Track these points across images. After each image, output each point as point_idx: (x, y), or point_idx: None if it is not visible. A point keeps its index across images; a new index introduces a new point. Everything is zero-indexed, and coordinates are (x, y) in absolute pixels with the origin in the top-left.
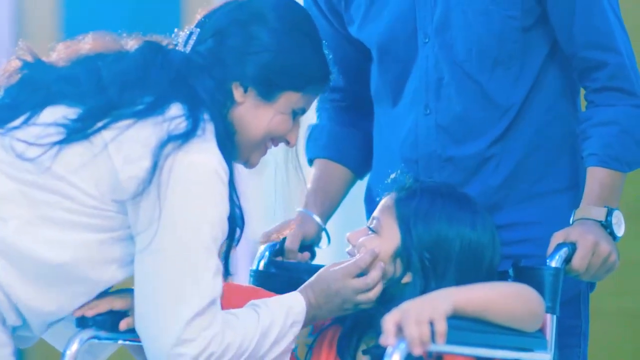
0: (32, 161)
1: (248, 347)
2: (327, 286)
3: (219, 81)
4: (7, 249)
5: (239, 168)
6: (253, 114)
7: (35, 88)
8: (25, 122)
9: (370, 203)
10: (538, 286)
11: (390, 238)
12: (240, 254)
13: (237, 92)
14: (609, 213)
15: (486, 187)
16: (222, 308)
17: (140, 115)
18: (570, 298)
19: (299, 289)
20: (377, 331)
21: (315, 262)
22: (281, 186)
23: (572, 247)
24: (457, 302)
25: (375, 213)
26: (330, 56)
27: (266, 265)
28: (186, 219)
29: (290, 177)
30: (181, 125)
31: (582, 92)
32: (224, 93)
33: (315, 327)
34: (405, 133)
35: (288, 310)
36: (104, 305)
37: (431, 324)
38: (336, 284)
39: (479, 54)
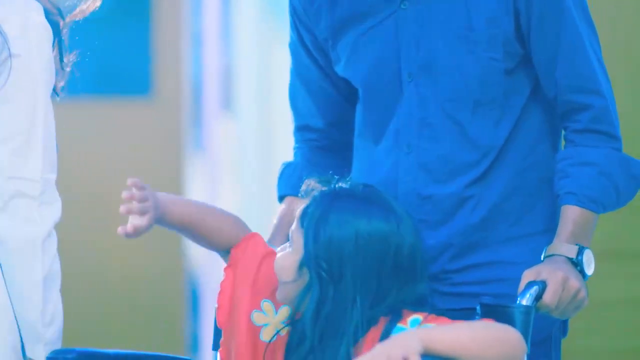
0: None
1: None
2: None
3: None
4: None
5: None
6: None
7: None
8: None
9: None
10: (509, 325)
11: (298, 249)
12: (210, 291)
13: None
14: (580, 251)
15: (464, 227)
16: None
17: None
18: (542, 339)
19: None
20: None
21: None
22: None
23: (543, 285)
24: (428, 340)
25: (292, 225)
26: None
27: None
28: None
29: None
30: None
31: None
32: None
33: None
34: (386, 171)
35: None
36: None
37: None
38: None
39: (460, 95)
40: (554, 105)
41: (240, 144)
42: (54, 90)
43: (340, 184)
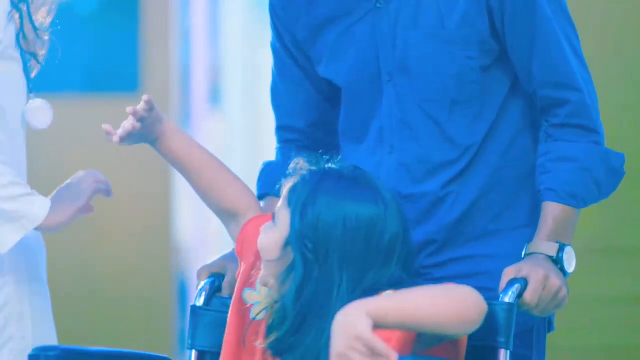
0: None
1: None
2: None
3: None
4: None
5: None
6: None
7: None
8: None
9: None
10: (491, 321)
11: (284, 227)
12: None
13: None
14: (561, 249)
15: (443, 224)
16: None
17: None
18: (523, 331)
19: None
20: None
21: None
22: None
23: (524, 282)
24: (376, 310)
25: (278, 203)
26: None
27: (206, 300)
28: None
29: None
30: None
31: None
32: None
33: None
34: (371, 171)
35: None
36: None
37: None
38: None
39: (437, 95)
40: (533, 99)
41: (228, 140)
42: (36, 57)
43: (329, 165)
